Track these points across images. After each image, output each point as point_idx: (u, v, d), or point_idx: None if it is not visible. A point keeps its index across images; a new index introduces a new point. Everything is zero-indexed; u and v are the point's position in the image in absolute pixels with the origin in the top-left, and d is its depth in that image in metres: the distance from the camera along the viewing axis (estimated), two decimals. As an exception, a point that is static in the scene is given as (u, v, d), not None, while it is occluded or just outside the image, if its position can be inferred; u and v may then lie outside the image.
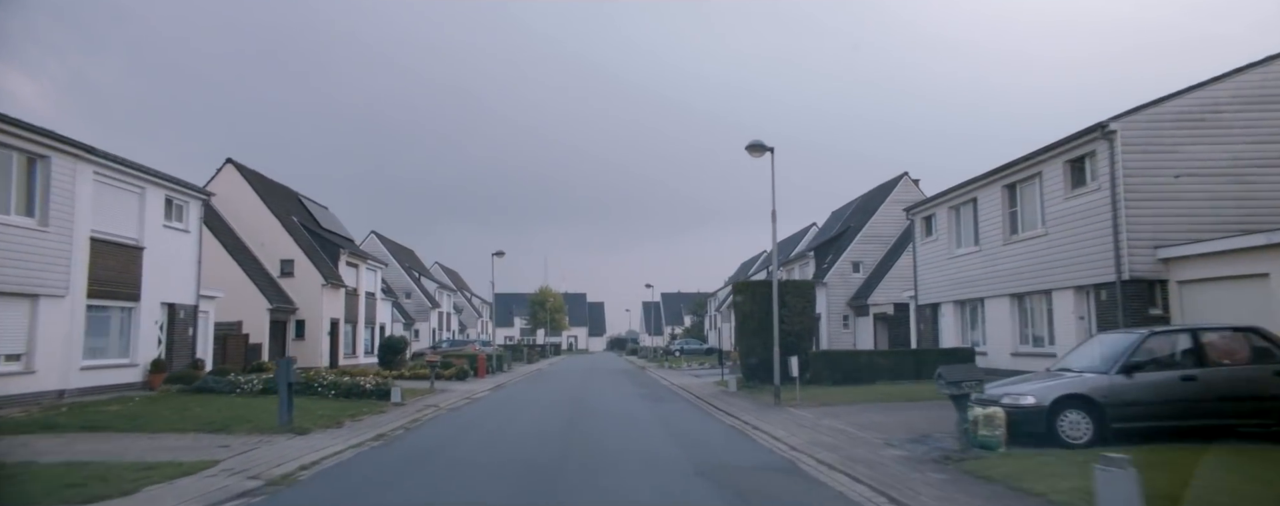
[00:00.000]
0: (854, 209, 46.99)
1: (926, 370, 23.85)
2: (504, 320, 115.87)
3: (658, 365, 49.80)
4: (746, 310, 25.07)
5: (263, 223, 35.27)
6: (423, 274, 62.45)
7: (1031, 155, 21.24)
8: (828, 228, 50.21)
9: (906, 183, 41.12)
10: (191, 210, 23.62)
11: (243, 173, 35.75)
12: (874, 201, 42.69)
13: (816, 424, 14.50)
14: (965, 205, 26.07)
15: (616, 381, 33.68)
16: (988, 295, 24.21)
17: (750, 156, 19.69)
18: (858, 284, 40.60)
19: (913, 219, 30.45)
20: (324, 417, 15.62)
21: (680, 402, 21.85)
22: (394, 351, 36.16)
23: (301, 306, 35.22)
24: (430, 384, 26.39)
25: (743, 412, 17.43)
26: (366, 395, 19.87)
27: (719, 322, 75.63)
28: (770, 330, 24.23)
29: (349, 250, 39.23)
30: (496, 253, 41.44)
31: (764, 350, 24.35)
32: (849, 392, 20.72)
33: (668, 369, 43.80)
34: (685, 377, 33.68)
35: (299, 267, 35.49)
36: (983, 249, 24.47)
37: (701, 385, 27.86)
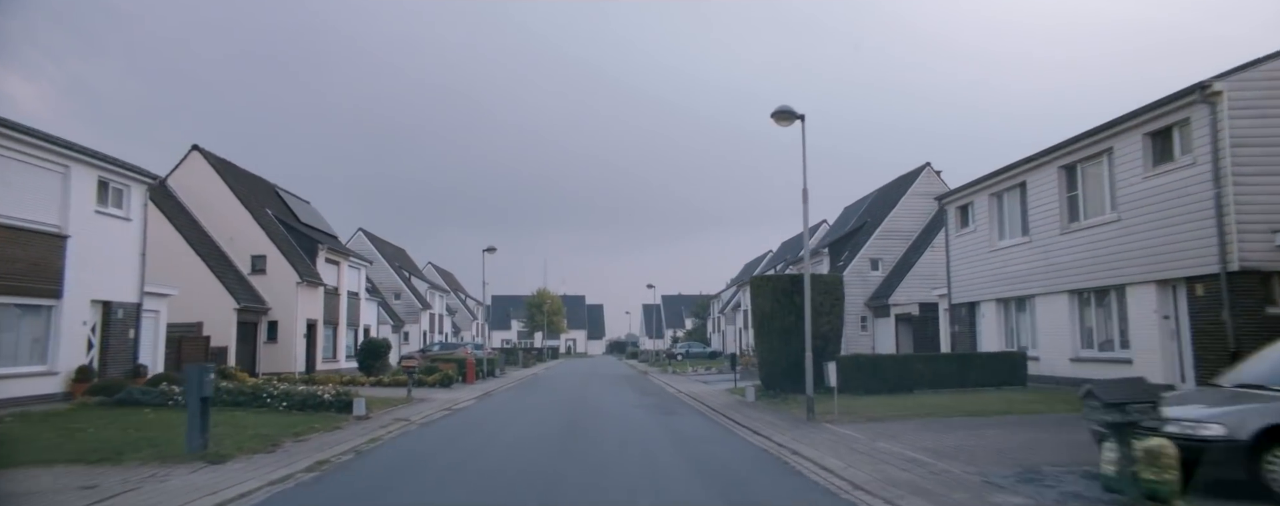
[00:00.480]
0: (870, 203, 43.98)
1: (970, 377, 20.89)
2: (500, 323, 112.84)
3: (660, 370, 46.73)
4: (766, 309, 22.04)
5: (232, 215, 32.22)
6: (413, 274, 59.42)
7: (1098, 130, 18.25)
8: (841, 223, 47.20)
9: (929, 174, 38.13)
10: (133, 195, 20.58)
11: (210, 161, 32.71)
12: (893, 194, 39.69)
13: (872, 448, 11.47)
14: (1010, 191, 23.07)
15: (617, 388, 30.64)
16: (1040, 292, 21.19)
17: (776, 125, 16.69)
18: (877, 283, 37.58)
19: (945, 208, 27.44)
20: (258, 438, 12.58)
21: (694, 416, 18.81)
22: (375, 355, 33.13)
23: (274, 306, 32.17)
24: (407, 392, 23.35)
25: (773, 430, 14.40)
26: (324, 407, 16.84)
27: (723, 325, 72.54)
28: (794, 331, 21.25)
29: (328, 246, 36.20)
30: (488, 248, 38.48)
31: (787, 354, 21.36)
32: (890, 404, 17.68)
33: (672, 374, 40.75)
34: (693, 384, 30.64)
35: (272, 264, 32.44)
36: (1033, 239, 21.46)
37: (714, 394, 24.82)
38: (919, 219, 37.62)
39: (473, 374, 33.65)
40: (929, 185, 37.91)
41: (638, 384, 33.72)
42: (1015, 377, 20.79)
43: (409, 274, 58.03)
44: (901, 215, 37.89)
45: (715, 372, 39.20)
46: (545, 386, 32.81)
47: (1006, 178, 22.80)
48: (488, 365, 38.44)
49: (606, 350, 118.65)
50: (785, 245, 63.91)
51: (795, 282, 21.80)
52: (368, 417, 16.83)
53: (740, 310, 64.42)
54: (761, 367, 22.81)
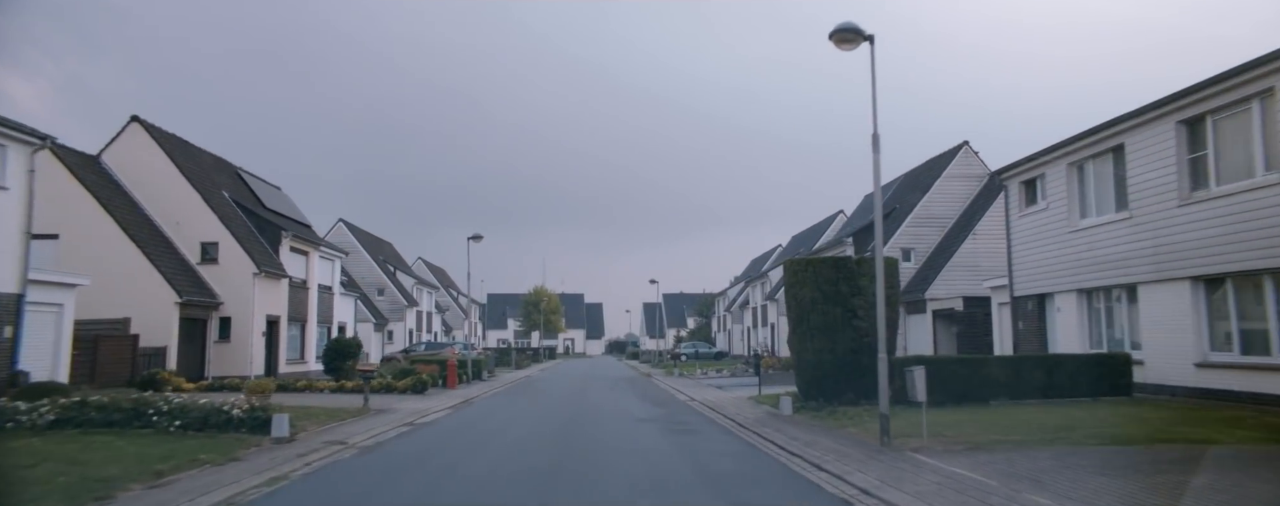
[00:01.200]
0: (897, 188, 39.76)
1: (1058, 384, 16.69)
2: (497, 322, 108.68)
3: (665, 372, 42.52)
4: (805, 300, 17.82)
5: (179, 197, 27.99)
6: (400, 268, 55.18)
7: (1233, 72, 14.07)
8: (863, 212, 42.95)
9: (967, 154, 33.95)
10: (11, 159, 16.35)
11: (153, 134, 28.47)
12: (925, 177, 35.50)
13: (1018, 501, 7.27)
14: (1099, 158, 18.86)
15: (619, 395, 26.42)
16: (1146, 279, 16.97)
17: (837, 49, 12.48)
18: (909, 275, 33.36)
19: (1004, 184, 23.23)
20: (90, 484, 8.37)
21: (720, 436, 14.59)
22: (343, 355, 28.90)
23: (228, 300, 27.94)
24: (363, 401, 19.12)
25: (841, 462, 10.21)
26: (232, 426, 12.62)
27: (730, 324, 68.37)
28: (842, 327, 17.12)
29: (294, 233, 31.96)
30: (473, 236, 34.24)
31: (833, 355, 17.18)
32: (981, 422, 13.49)
33: (679, 376, 36.55)
34: (706, 389, 26.44)
35: (225, 253, 28.21)
36: (1136, 215, 17.25)
37: (736, 403, 20.62)
38: (956, 203, 33.45)
39: (454, 377, 29.45)
40: (967, 166, 33.74)
41: (642, 388, 29.51)
42: (1116, 386, 16.57)
43: (394, 268, 53.81)
44: (936, 200, 33.70)
45: (727, 375, 35.00)
46: (537, 392, 28.60)
47: (1093, 141, 18.61)
48: (474, 367, 34.24)
49: (606, 350, 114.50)
50: (797, 239, 59.75)
51: (843, 268, 17.61)
52: (291, 440, 12.63)
53: (749, 307, 60.25)
54: (800, 371, 18.58)
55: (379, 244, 56.50)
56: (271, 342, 30.15)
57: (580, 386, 31.84)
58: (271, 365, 29.93)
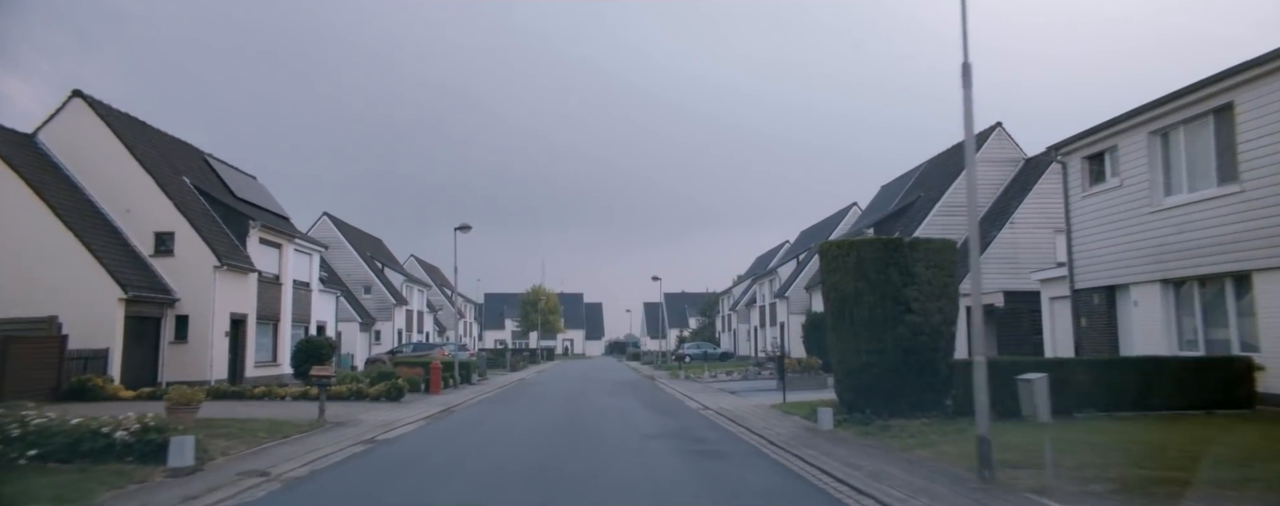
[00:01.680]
0: (919, 176, 36.71)
1: (1159, 394, 13.65)
2: (494, 322, 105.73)
3: (670, 374, 39.44)
4: (846, 289, 14.76)
5: (129, 181, 24.93)
6: (388, 265, 52.08)
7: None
8: (880, 203, 39.92)
9: (1001, 136, 30.87)
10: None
11: (99, 111, 25.38)
12: (953, 164, 32.42)
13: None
14: (1194, 122, 15.80)
15: (621, 401, 23.35)
16: (1264, 265, 13.90)
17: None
18: (938, 269, 30.26)
19: (1061, 161, 20.17)
20: None
21: (752, 461, 11.50)
22: (315, 357, 25.79)
23: (185, 297, 24.86)
24: (319, 412, 16.02)
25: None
26: (115, 453, 9.53)
27: (735, 323, 65.31)
28: (892, 322, 14.21)
29: (263, 223, 28.86)
30: (461, 227, 31.13)
31: (882, 357, 14.14)
32: (1088, 442, 10.43)
33: (686, 379, 33.49)
34: (718, 395, 23.38)
35: (183, 244, 25.14)
36: (1248, 188, 14.20)
37: (758, 414, 17.56)
38: (989, 190, 30.37)
39: (438, 381, 26.39)
40: (1002, 149, 30.67)
41: (646, 394, 26.46)
42: (1233, 396, 13.53)
43: (383, 265, 50.71)
44: (965, 189, 30.60)
45: (738, 378, 31.93)
46: (530, 398, 25.53)
47: (1188, 103, 15.54)
48: (463, 370, 31.17)
49: (606, 351, 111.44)
50: (807, 234, 56.69)
51: (893, 251, 14.56)
52: (195, 470, 9.56)
53: (756, 306, 57.17)
54: (840, 376, 15.48)
55: (366, 239, 53.41)
56: (236, 343, 27.07)
57: (578, 390, 28.78)
58: (236, 368, 26.87)
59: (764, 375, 32.53)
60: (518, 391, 28.84)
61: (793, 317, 47.13)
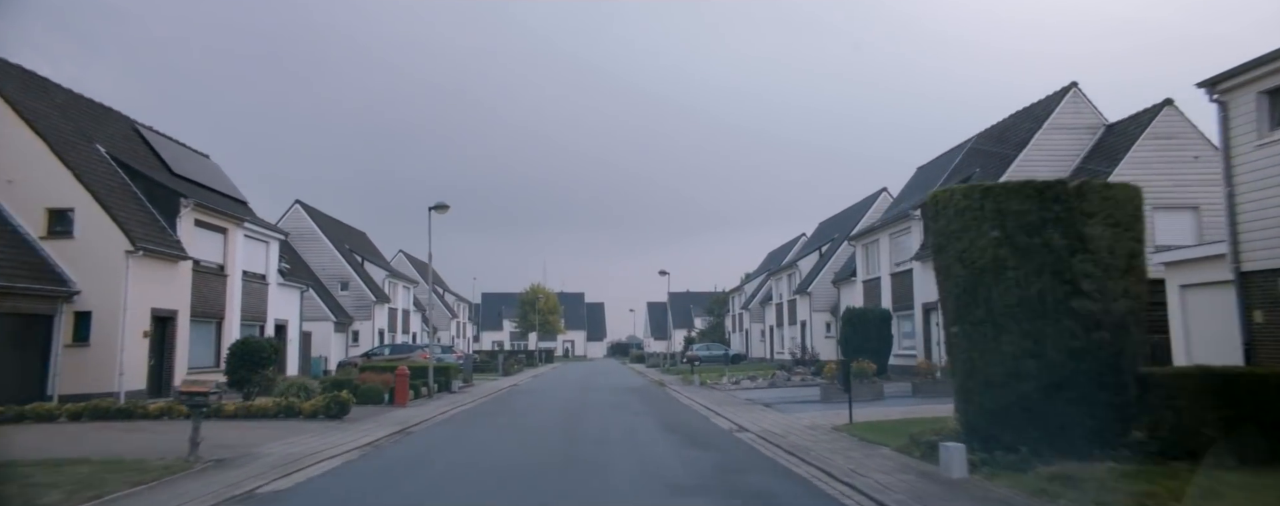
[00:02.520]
0: (966, 153, 31.63)
1: None
2: (492, 323, 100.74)
3: (681, 379, 34.35)
4: (979, 259, 9.63)
5: (14, 146, 19.87)
6: (370, 259, 46.94)
7: None
8: (920, 185, 34.81)
9: (1076, 98, 25.75)
10: None
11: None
12: (1018, 132, 27.32)
13: None
14: None
15: (630, 419, 18.23)
16: None
17: None
18: (1003, 255, 25.21)
19: (1221, 102, 15.01)
20: None
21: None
22: (252, 363, 20.76)
23: (88, 289, 19.82)
24: (190, 445, 10.89)
25: None
26: None
27: (748, 323, 60.18)
28: (1059, 311, 8.97)
29: (197, 201, 23.76)
30: (436, 206, 26.03)
31: (1039, 363, 9.05)
32: None
33: (702, 386, 28.42)
34: (751, 408, 18.31)
35: (86, 223, 20.13)
36: None
37: (825, 442, 12.48)
38: (1063, 160, 25.31)
39: (405, 391, 21.36)
40: (1078, 113, 25.61)
41: (660, 406, 21.38)
42: None
43: (363, 258, 45.61)
44: (1036, 159, 25.51)
45: (765, 384, 26.83)
46: (515, 413, 20.44)
47: None
48: (438, 376, 26.11)
49: (608, 352, 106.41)
50: (827, 224, 51.62)
51: (1055, 200, 9.48)
52: None
53: (772, 304, 52.03)
54: (969, 393, 10.20)
55: (346, 231, 48.31)
56: (162, 346, 22.04)
57: (576, 402, 23.71)
58: (161, 377, 21.83)
59: (796, 381, 27.47)
60: (503, 403, 23.76)
61: (816, 315, 42.06)
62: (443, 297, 67.09)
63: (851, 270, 35.79)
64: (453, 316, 67.08)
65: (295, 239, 42.17)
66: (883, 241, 31.99)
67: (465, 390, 28.72)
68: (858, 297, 34.35)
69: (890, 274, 31.15)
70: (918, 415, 15.15)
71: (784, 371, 29.87)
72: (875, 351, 27.65)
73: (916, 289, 28.42)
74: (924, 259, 27.05)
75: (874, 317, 27.92)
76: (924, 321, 27.84)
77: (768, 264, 63.42)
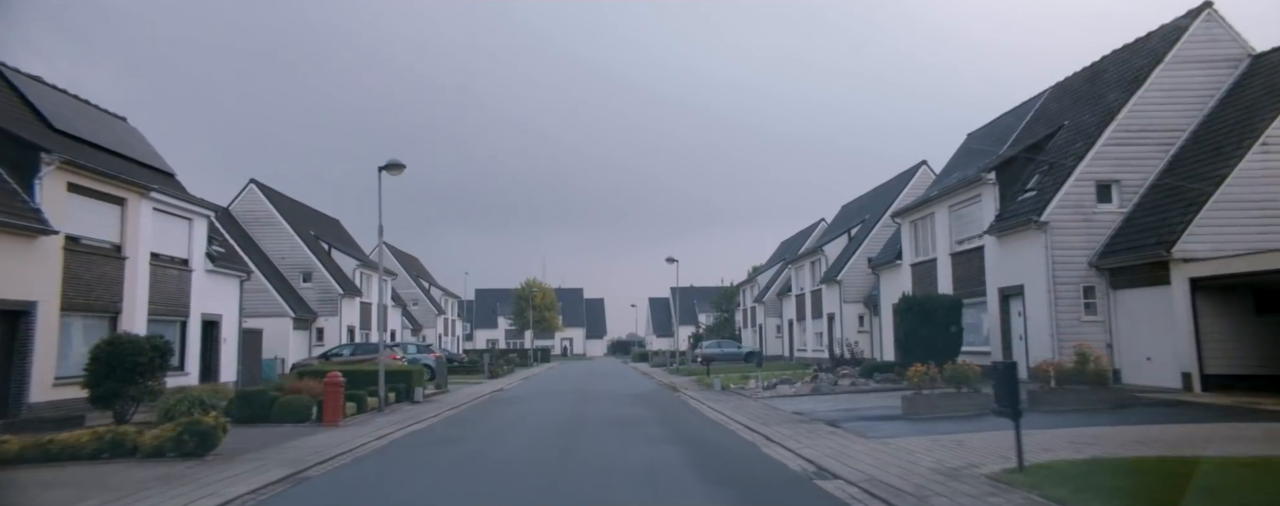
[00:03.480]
0: (1037, 111, 25.87)
1: None
2: (487, 320, 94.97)
3: (697, 382, 28.60)
4: None
5: None
6: (340, 248, 41.02)
7: None
8: (972, 156, 28.97)
9: (1210, 22, 19.87)
10: None
11: None
12: (1126, 70, 21.46)
13: None
14: None
15: (648, 452, 12.31)
16: None
17: None
18: (1115, 223, 19.39)
19: None
20: None
21: None
22: (124, 371, 14.91)
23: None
24: None
25: None
26: None
27: (762, 317, 54.35)
28: None
29: (69, 159, 17.89)
30: (387, 165, 20.14)
31: None
32: None
33: (725, 391, 22.64)
34: (815, 430, 12.53)
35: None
36: None
37: None
38: (1193, 103, 19.52)
39: (337, 405, 15.60)
40: (1213, 43, 19.84)
41: (683, 424, 15.56)
42: None
43: (330, 246, 39.76)
44: (1154, 99, 19.66)
45: (804, 388, 20.97)
46: (479, 438, 14.56)
47: None
48: (397, 383, 20.36)
49: (608, 351, 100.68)
50: (850, 209, 45.86)
51: None
52: None
53: (791, 296, 46.18)
54: None
55: (311, 216, 42.38)
56: (11, 350, 16.24)
57: (570, 415, 17.91)
58: (9, 392, 16.02)
59: (846, 385, 21.70)
60: (473, 419, 17.92)
61: (847, 306, 36.26)
62: (428, 292, 61.22)
63: (895, 252, 29.98)
64: (439, 313, 61.22)
65: (250, 223, 36.42)
66: (939, 216, 26.18)
67: (433, 399, 22.94)
68: (903, 283, 28.63)
69: (950, 254, 25.37)
70: (1114, 448, 9.43)
71: (826, 374, 24.05)
72: (942, 348, 21.86)
73: (990, 270, 22.64)
74: (1005, 231, 21.26)
75: (941, 306, 22.14)
76: (1001, 309, 22.07)
77: (782, 253, 57.64)
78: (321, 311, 36.74)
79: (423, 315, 58.09)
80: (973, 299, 23.37)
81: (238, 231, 35.64)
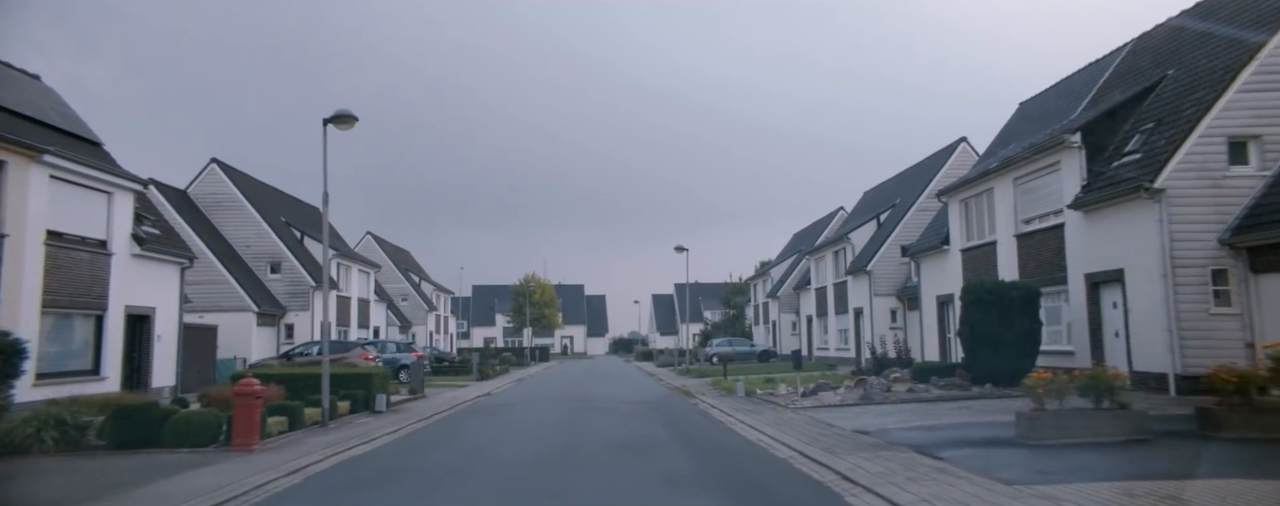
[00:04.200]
0: (1117, 68, 21.65)
1: None
2: (484, 318, 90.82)
3: (714, 385, 24.47)
4: None
5: None
6: (312, 234, 36.74)
7: None
8: (1030, 120, 24.74)
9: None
10: None
11: None
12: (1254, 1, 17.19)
13: None
14: None
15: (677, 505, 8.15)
16: None
17: None
18: (1256, 189, 15.16)
19: None
20: None
21: None
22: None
23: None
24: None
25: None
26: None
27: (774, 313, 50.16)
28: None
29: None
30: (335, 117, 15.94)
31: None
32: None
33: (749, 398, 18.43)
34: (915, 466, 8.31)
35: None
36: None
37: None
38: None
39: (252, 423, 11.40)
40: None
41: (717, 451, 11.31)
42: None
43: (303, 234, 35.56)
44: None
45: (851, 396, 16.74)
46: (434, 473, 10.31)
47: None
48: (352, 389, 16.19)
49: (610, 349, 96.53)
50: (872, 194, 41.67)
51: None
52: None
53: (810, 289, 41.96)
54: None
55: (282, 201, 38.12)
56: None
57: (562, 434, 13.71)
58: None
59: (902, 392, 17.49)
60: (432, 442, 13.67)
61: (878, 300, 32.04)
62: (418, 288, 57.02)
63: (940, 237, 25.78)
64: (430, 309, 57.01)
65: (212, 208, 32.25)
66: (1000, 192, 21.95)
67: (401, 408, 18.74)
68: (951, 272, 24.50)
69: (1015, 235, 21.15)
70: None
71: (877, 377, 19.81)
72: (1016, 345, 17.75)
73: (1072, 252, 18.44)
74: (1096, 204, 17.04)
75: (1016, 295, 17.99)
76: (1088, 300, 17.85)
77: (796, 244, 53.42)
78: (292, 306, 32.57)
79: (413, 311, 53.90)
80: (1047, 287, 19.15)
81: (196, 216, 31.50)
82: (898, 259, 31.68)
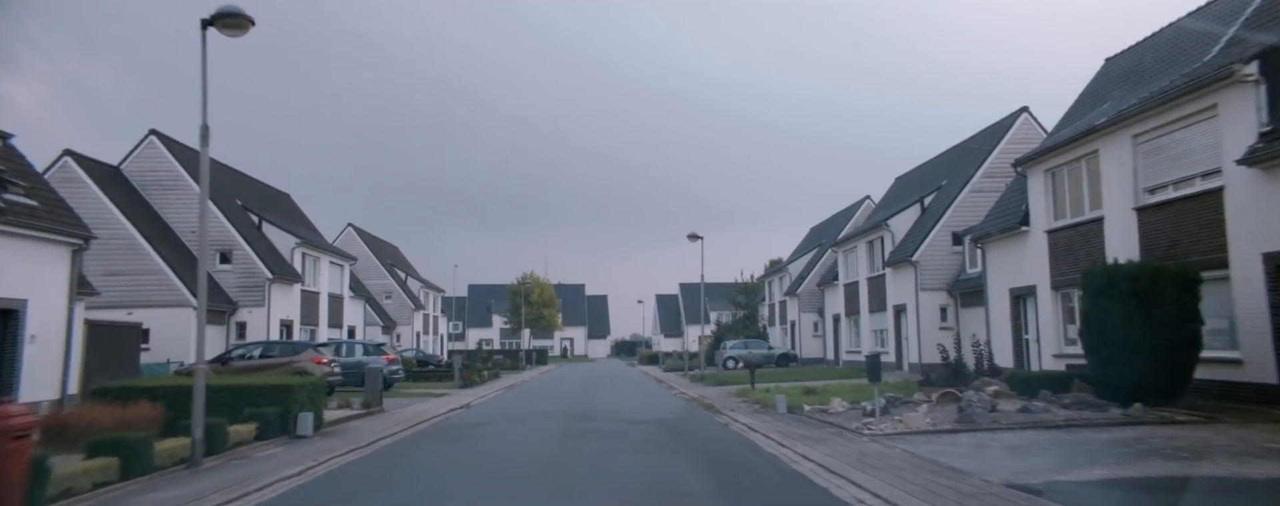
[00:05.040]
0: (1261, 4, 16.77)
1: None
2: (481, 319, 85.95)
3: (740, 396, 19.65)
4: None
5: None
6: (270, 219, 31.63)
7: None
8: (1116, 79, 19.79)
9: None
10: None
11: None
12: None
13: None
14: None
15: None
16: None
17: None
18: None
19: None
20: None
21: None
22: None
23: None
24: None
25: None
26: None
27: (794, 312, 45.19)
28: None
29: None
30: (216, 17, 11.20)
31: None
32: None
33: (792, 414, 13.59)
34: None
35: None
36: None
37: None
38: None
39: (15, 482, 6.33)
40: None
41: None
42: None
43: (262, 219, 30.59)
44: None
45: (945, 418, 11.86)
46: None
47: None
48: (271, 402, 11.29)
49: (612, 352, 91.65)
50: (904, 181, 36.85)
51: None
52: None
53: (838, 285, 36.97)
54: None
55: (240, 183, 33.12)
56: None
57: (538, 495, 8.81)
58: None
59: (1016, 412, 12.56)
60: (346, 494, 8.72)
61: (924, 295, 27.12)
62: (405, 284, 52.11)
63: (1016, 217, 20.86)
64: (417, 308, 52.08)
65: (150, 187, 27.43)
66: (1112, 153, 17.02)
67: (337, 429, 13.81)
68: (1030, 259, 19.71)
69: (1137, 208, 16.24)
70: None
71: (971, 391, 14.81)
72: (1166, 350, 12.86)
73: (1238, 225, 13.56)
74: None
75: (1167, 282, 13.10)
76: (1269, 289, 12.91)
77: (815, 238, 48.52)
78: (244, 301, 27.66)
79: (398, 310, 48.99)
80: (1208, 273, 14.21)
81: (130, 196, 26.66)
82: (948, 248, 26.83)
